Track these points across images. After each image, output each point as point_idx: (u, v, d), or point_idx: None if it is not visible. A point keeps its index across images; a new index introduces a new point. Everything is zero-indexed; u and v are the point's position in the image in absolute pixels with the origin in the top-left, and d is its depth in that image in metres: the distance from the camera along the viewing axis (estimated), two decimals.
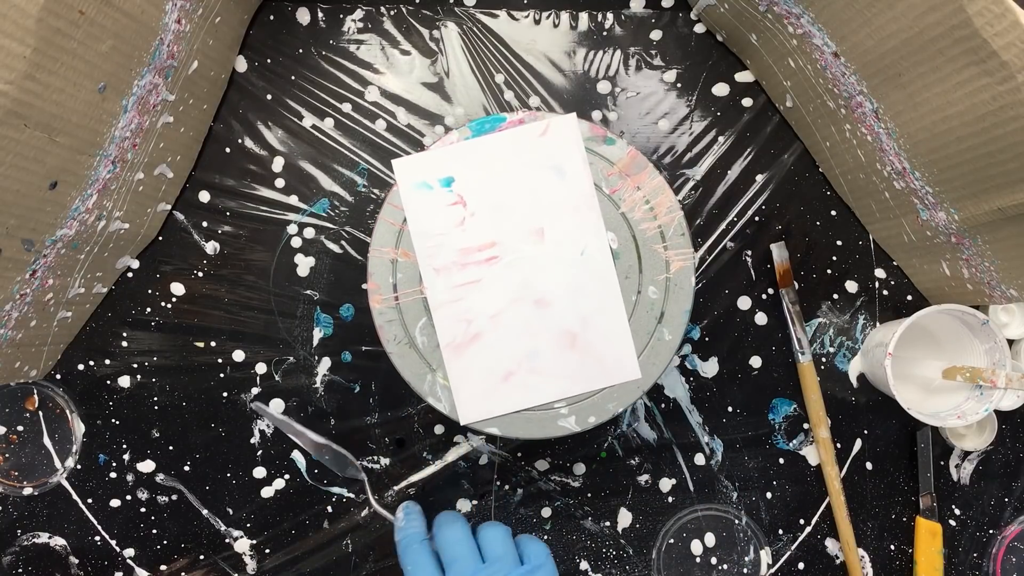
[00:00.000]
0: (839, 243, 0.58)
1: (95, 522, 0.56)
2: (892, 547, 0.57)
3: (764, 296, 0.58)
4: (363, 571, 0.56)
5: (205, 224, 0.57)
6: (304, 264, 0.57)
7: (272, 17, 0.57)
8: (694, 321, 0.57)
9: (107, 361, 0.56)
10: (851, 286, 0.58)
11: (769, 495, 0.57)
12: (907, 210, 0.52)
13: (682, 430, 0.57)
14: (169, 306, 0.56)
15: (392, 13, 0.57)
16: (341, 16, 0.57)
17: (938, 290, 0.56)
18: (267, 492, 0.56)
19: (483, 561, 0.45)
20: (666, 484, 0.57)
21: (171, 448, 0.56)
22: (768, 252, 0.57)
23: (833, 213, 0.58)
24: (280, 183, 0.57)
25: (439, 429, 0.56)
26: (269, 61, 0.57)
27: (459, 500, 0.57)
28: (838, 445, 0.57)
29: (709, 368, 0.57)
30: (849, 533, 0.56)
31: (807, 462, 0.57)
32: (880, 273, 0.58)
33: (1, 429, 0.56)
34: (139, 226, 0.54)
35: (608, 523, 0.57)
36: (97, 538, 0.56)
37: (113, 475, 0.56)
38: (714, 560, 0.57)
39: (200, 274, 0.57)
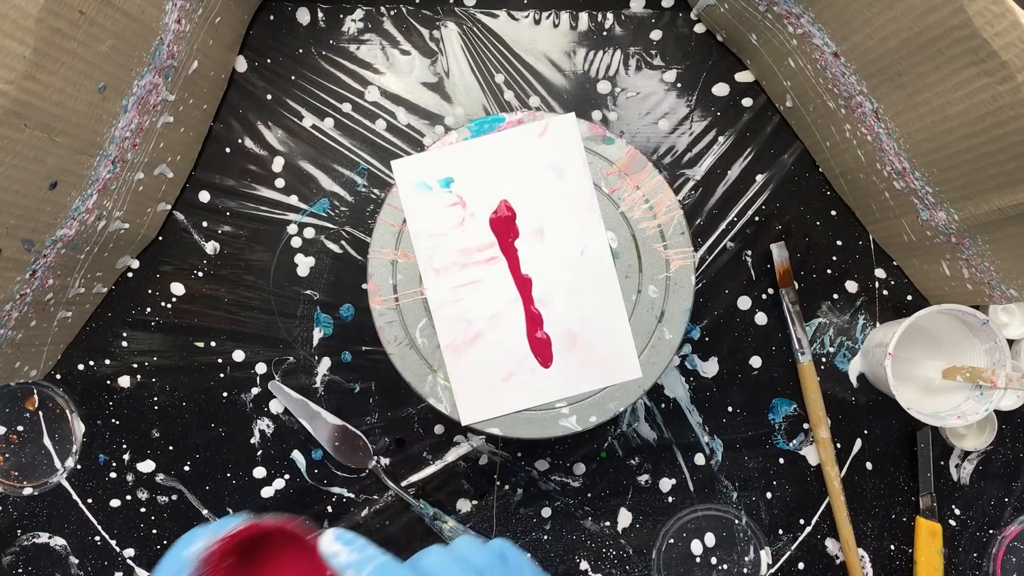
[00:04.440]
0: (839, 243, 0.58)
1: (95, 522, 0.56)
2: (892, 547, 0.57)
3: (764, 296, 0.58)
4: None
5: (205, 224, 0.57)
6: (304, 264, 0.57)
7: (272, 17, 0.57)
8: (694, 321, 0.57)
9: (107, 361, 0.56)
10: (851, 286, 0.58)
11: (769, 495, 0.57)
12: (907, 210, 0.52)
13: (682, 430, 0.57)
14: (169, 306, 0.56)
15: (392, 13, 0.57)
16: (341, 16, 0.57)
17: (938, 290, 0.56)
18: (267, 492, 0.56)
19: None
20: (666, 484, 0.57)
21: (171, 448, 0.56)
22: (768, 252, 0.57)
23: (833, 213, 0.58)
24: (280, 183, 0.57)
25: (439, 429, 0.56)
26: (269, 61, 0.57)
27: (459, 500, 0.57)
28: (838, 445, 0.57)
29: (709, 368, 0.57)
30: (849, 533, 0.56)
31: (807, 462, 0.57)
32: (880, 273, 0.58)
33: (1, 429, 0.56)
34: (139, 226, 0.54)
35: (608, 523, 0.57)
36: (97, 538, 0.56)
37: (113, 475, 0.56)
38: (714, 560, 0.57)
39: (200, 274, 0.57)
